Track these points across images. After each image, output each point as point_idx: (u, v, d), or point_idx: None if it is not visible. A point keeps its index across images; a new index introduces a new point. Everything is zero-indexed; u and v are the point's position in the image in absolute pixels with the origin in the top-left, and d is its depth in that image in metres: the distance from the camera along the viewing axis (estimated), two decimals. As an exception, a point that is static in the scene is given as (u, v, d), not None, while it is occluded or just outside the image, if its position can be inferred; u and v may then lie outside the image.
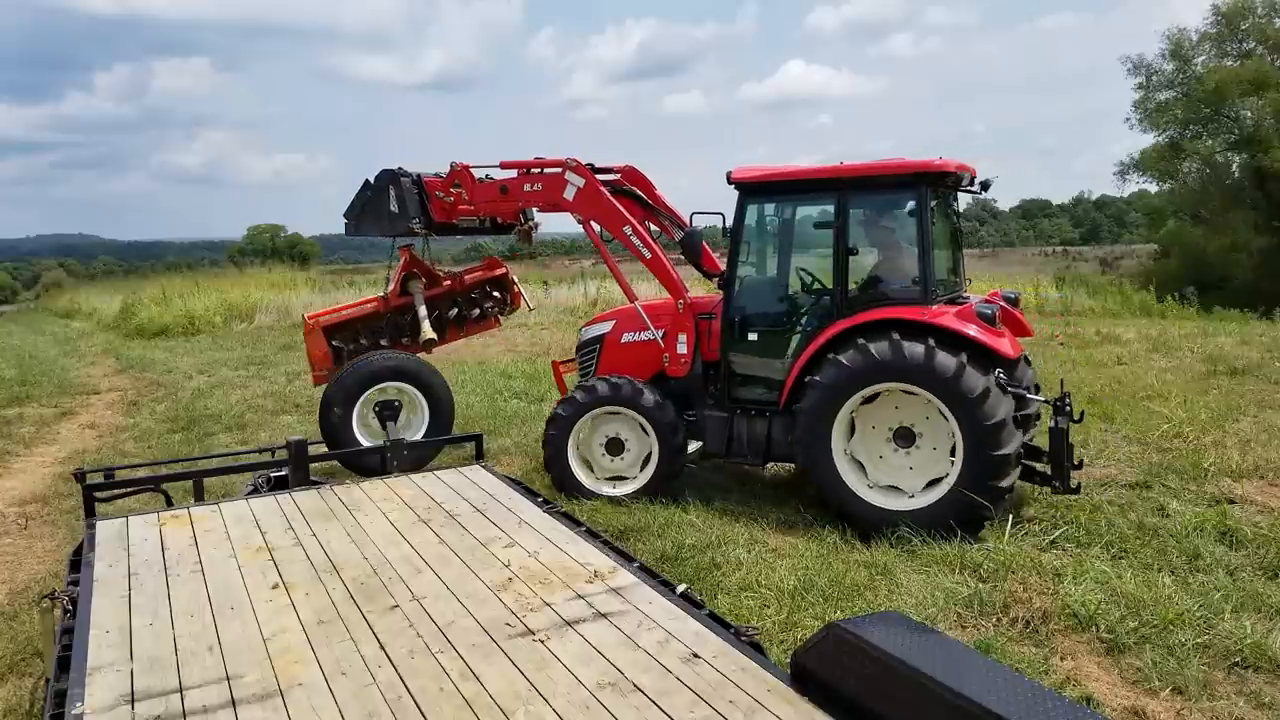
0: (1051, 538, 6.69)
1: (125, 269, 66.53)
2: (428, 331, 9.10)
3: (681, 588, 3.79)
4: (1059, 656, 5.07)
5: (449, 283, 9.54)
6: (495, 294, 9.88)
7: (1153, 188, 39.28)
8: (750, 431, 7.65)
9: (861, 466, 7.11)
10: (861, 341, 6.81)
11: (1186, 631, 5.19)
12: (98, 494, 5.27)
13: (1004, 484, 6.66)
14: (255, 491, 5.66)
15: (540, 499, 5.13)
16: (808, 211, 7.98)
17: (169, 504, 5.49)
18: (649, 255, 8.07)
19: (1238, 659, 4.93)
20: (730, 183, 7.59)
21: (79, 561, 4.28)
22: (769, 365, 7.66)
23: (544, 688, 2.99)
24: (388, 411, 8.07)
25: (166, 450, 10.41)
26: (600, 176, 8.34)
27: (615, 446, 7.95)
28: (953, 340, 6.66)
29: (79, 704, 2.92)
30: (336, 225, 9.57)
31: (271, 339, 21.13)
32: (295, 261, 56.41)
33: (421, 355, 9.17)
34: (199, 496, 5.54)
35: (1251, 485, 7.83)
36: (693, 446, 8.68)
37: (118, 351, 20.56)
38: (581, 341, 8.86)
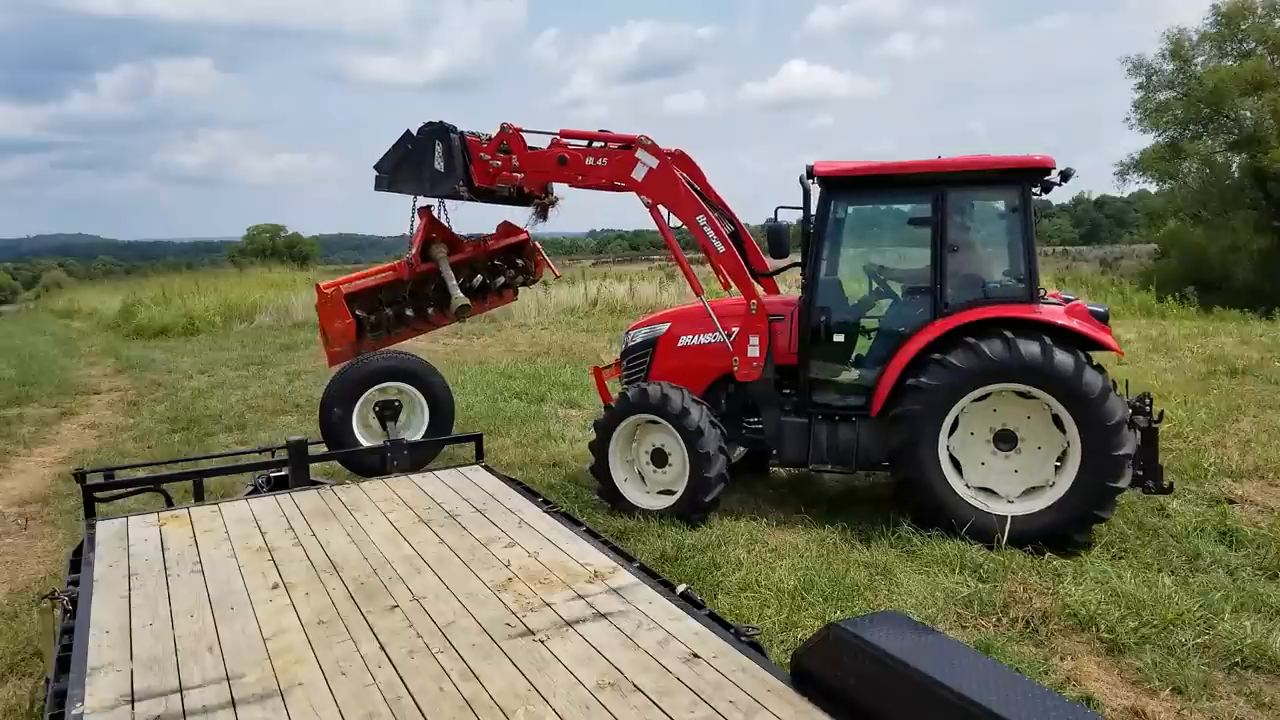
0: (1051, 538, 6.68)
1: (125, 269, 66.56)
2: (460, 298, 8.33)
3: (681, 588, 3.78)
4: (1059, 656, 5.07)
5: (471, 249, 8.74)
6: (518, 262, 9.12)
7: (1153, 188, 39.32)
8: (833, 438, 7.23)
9: (958, 467, 6.84)
10: (973, 340, 6.56)
11: (1186, 631, 5.20)
12: (98, 494, 5.28)
13: (1120, 485, 6.44)
14: (255, 491, 5.66)
15: (540, 499, 5.13)
16: (900, 208, 7.60)
17: (169, 504, 5.50)
18: (722, 249, 7.51)
19: (1238, 659, 4.93)
20: (811, 177, 7.21)
21: (79, 561, 4.29)
22: (857, 368, 7.30)
23: (544, 688, 2.99)
24: (388, 411, 8.04)
25: (166, 450, 10.40)
26: None
27: (660, 458, 7.43)
28: (1069, 339, 6.49)
29: (79, 704, 2.92)
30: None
31: (271, 339, 21.12)
32: (295, 261, 56.43)
33: (418, 354, 9.11)
34: (199, 496, 5.55)
35: (1251, 485, 7.83)
36: (737, 453, 8.13)
37: (118, 351, 20.55)
38: (629, 345, 8.32)
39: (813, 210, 7.38)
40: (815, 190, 7.37)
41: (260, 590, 3.86)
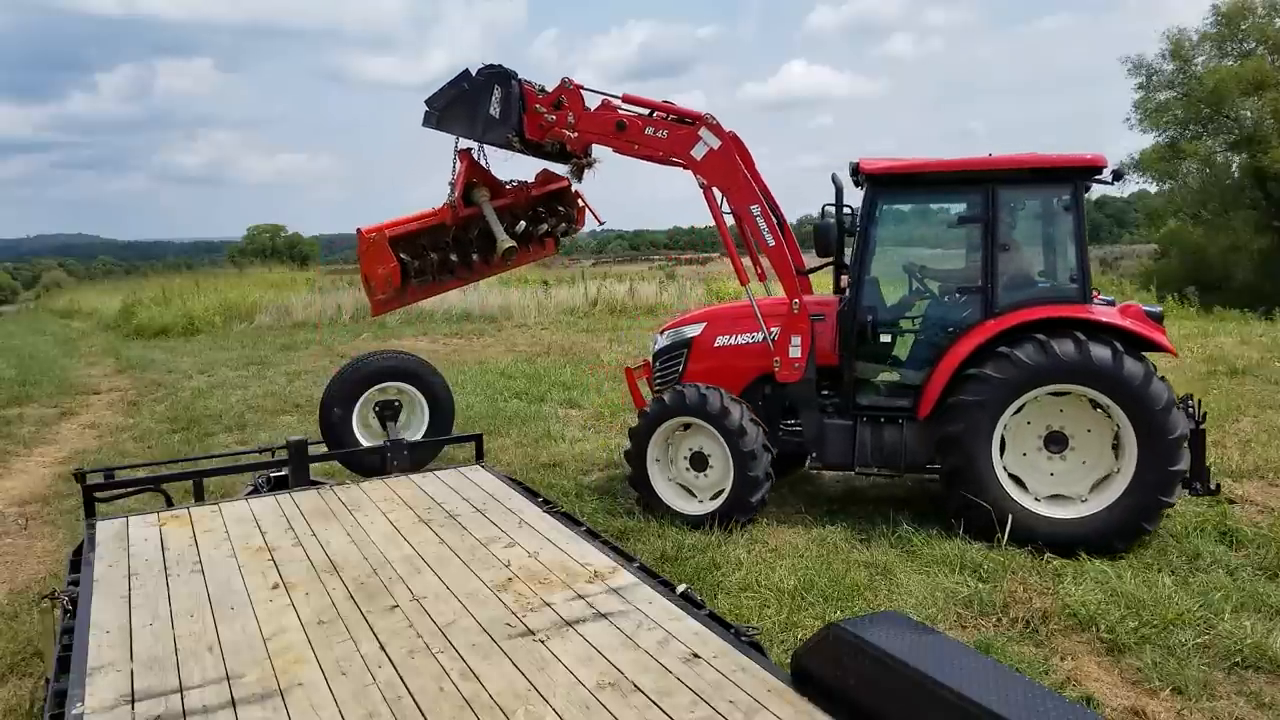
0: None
1: (125, 269, 66.59)
2: (506, 240, 7.92)
3: (681, 588, 3.78)
4: (1059, 656, 5.07)
5: (513, 194, 8.35)
6: (560, 209, 8.76)
7: (1153, 188, 39.34)
8: (878, 440, 7.10)
9: (1001, 448, 6.71)
10: (1041, 338, 6.43)
11: (1186, 631, 5.20)
12: (98, 494, 5.28)
13: (1149, 526, 6.41)
14: (255, 491, 5.66)
15: (540, 499, 5.13)
16: (949, 207, 7.51)
17: (169, 504, 5.49)
18: (773, 243, 7.31)
19: (1238, 659, 4.93)
20: (856, 174, 7.13)
21: (79, 561, 4.28)
22: (903, 369, 7.23)
23: (544, 688, 2.99)
24: (388, 411, 8.03)
25: (166, 450, 10.40)
26: None
27: (699, 461, 7.27)
28: (1130, 341, 6.43)
29: (79, 704, 2.92)
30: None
31: (271, 339, 21.13)
32: (295, 261, 56.44)
33: (418, 354, 9.07)
34: (199, 496, 5.54)
35: (1251, 485, 7.83)
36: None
37: (118, 351, 20.55)
38: (662, 346, 8.14)
39: (846, 208, 7.32)
40: (849, 187, 7.29)
41: (260, 590, 3.86)
